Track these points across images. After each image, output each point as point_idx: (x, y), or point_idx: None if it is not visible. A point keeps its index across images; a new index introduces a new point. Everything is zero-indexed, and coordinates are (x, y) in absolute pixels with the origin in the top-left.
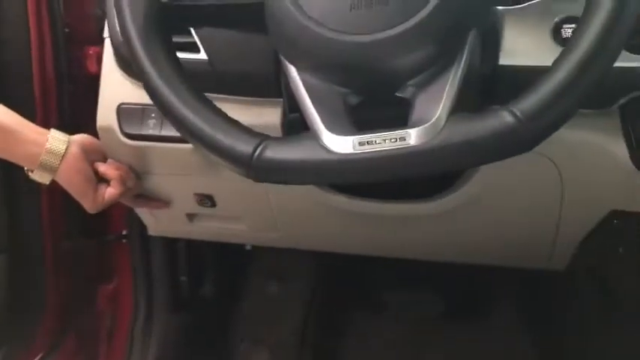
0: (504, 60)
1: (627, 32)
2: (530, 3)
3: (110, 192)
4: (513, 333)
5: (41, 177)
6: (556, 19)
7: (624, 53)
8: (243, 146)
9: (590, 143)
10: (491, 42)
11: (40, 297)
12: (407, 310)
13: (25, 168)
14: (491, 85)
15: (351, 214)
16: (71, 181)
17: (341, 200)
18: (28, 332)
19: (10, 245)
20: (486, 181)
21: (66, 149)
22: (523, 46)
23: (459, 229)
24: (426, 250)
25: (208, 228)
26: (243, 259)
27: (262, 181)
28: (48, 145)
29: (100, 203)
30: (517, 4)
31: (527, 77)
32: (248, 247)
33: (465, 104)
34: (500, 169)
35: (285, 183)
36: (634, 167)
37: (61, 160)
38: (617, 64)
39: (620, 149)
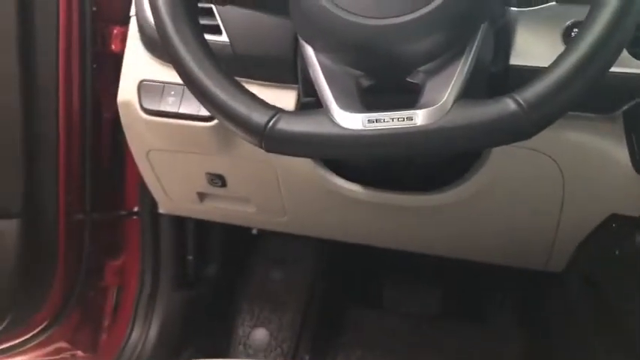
0: (515, 60)
1: (628, 34)
2: (543, 6)
3: None
4: (508, 334)
5: None
6: (568, 23)
7: (629, 59)
8: (258, 117)
9: (593, 147)
10: (504, 42)
11: (49, 267)
12: (405, 307)
13: None
14: (501, 83)
15: (357, 202)
16: None
17: (349, 188)
18: (36, 300)
19: (24, 211)
20: (491, 177)
21: None
22: (534, 48)
23: (463, 223)
24: (429, 243)
25: (218, 209)
26: (249, 243)
27: (273, 152)
28: None
29: None
30: (530, 7)
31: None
32: (254, 232)
33: (474, 96)
34: (505, 165)
35: (296, 155)
36: (635, 172)
37: None
38: (621, 69)
39: (622, 154)
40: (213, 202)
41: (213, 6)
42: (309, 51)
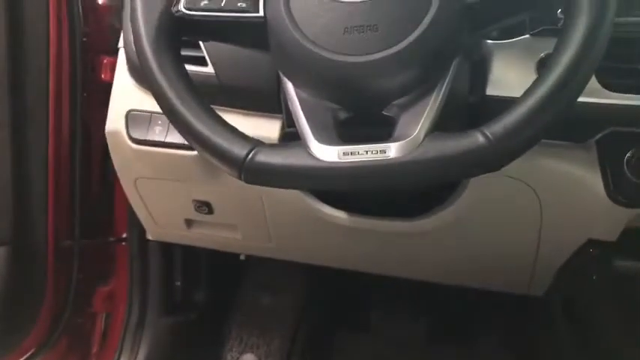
0: (492, 90)
1: (593, 66)
2: (518, 39)
3: None
4: (495, 357)
5: None
6: (541, 55)
7: (600, 90)
8: (238, 150)
9: (568, 174)
10: (481, 73)
11: (38, 293)
12: (393, 330)
13: None
14: (479, 113)
15: (341, 228)
16: None
17: (332, 214)
18: (23, 327)
19: (13, 237)
20: (471, 203)
21: None
22: (510, 79)
23: (445, 249)
24: (412, 268)
25: (205, 235)
26: (237, 268)
27: (252, 184)
28: None
29: None
30: (507, 39)
31: None
32: (242, 257)
33: (450, 127)
34: (484, 192)
35: (274, 186)
36: (609, 200)
37: None
38: (593, 100)
39: (596, 182)
40: (200, 228)
41: None
42: (289, 85)
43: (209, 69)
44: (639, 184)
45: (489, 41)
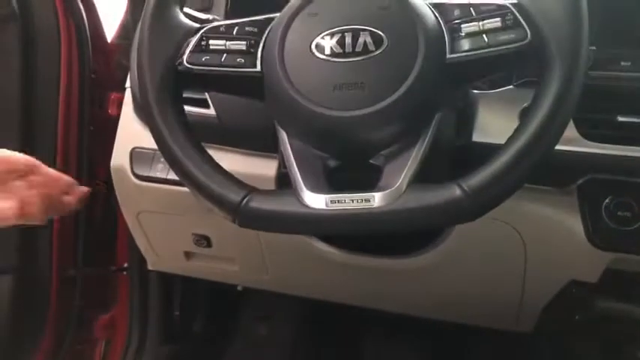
0: (478, 137)
1: (560, 130)
2: (502, 89)
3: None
4: None
5: None
6: (525, 105)
7: (579, 139)
8: (233, 196)
9: (551, 218)
10: (467, 120)
11: (40, 320)
12: None
13: None
14: (465, 158)
15: (335, 264)
16: None
17: (326, 250)
18: (26, 352)
19: (18, 266)
20: (458, 243)
21: None
22: (494, 126)
23: (434, 285)
24: (403, 303)
25: (203, 267)
26: (235, 299)
27: (246, 227)
28: None
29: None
30: (492, 89)
31: None
32: (239, 288)
33: (437, 172)
34: (470, 233)
35: (266, 230)
36: (589, 243)
37: None
38: (574, 148)
39: (577, 226)
40: (199, 260)
41: None
42: (283, 134)
43: (211, 111)
44: (616, 230)
45: (475, 91)
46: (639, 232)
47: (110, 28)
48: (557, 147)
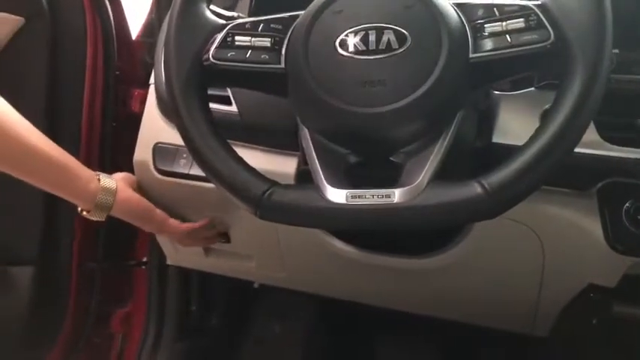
0: (497, 138)
1: (584, 126)
2: (524, 91)
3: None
4: None
5: (99, 215)
6: (546, 107)
7: (601, 142)
8: (255, 189)
9: (570, 221)
10: (488, 121)
11: (60, 313)
12: None
13: (80, 209)
14: (486, 158)
15: (352, 263)
16: (132, 211)
17: (344, 249)
18: (44, 346)
19: (39, 258)
20: (475, 243)
21: (116, 186)
22: (515, 128)
23: (450, 286)
24: (420, 303)
25: (222, 263)
26: (251, 296)
27: (267, 220)
28: (102, 184)
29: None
30: (514, 91)
31: None
32: (256, 286)
33: (457, 171)
34: (488, 234)
35: (287, 223)
36: (608, 247)
37: (114, 197)
38: (595, 152)
39: (596, 229)
40: (217, 256)
41: None
42: (305, 131)
43: (233, 108)
44: (636, 234)
45: (497, 92)
46: None
47: (134, 26)
48: (578, 150)
